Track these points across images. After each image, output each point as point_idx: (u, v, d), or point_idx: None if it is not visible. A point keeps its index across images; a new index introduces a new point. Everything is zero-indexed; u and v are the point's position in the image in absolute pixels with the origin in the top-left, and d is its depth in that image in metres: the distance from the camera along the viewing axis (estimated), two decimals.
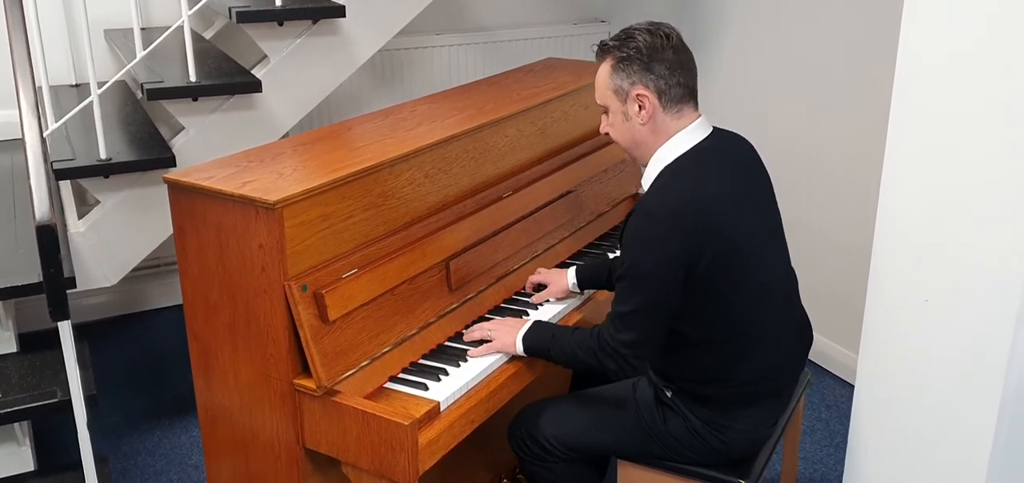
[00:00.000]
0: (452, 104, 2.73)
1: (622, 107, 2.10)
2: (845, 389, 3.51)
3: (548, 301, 2.49)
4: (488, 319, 2.40)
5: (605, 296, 2.56)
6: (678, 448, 2.17)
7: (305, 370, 2.02)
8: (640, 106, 2.07)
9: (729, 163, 2.12)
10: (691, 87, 2.10)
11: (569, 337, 2.15)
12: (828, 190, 3.56)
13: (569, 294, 2.51)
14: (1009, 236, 1.66)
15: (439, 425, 2.00)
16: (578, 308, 2.51)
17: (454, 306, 2.35)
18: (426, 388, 2.08)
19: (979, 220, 1.71)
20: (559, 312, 2.45)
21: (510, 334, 2.22)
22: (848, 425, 2.18)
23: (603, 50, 2.13)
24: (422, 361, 2.20)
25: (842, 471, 2.25)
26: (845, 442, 2.20)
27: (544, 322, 2.26)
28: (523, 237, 2.59)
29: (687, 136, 2.08)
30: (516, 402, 2.29)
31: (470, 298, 2.40)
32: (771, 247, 2.17)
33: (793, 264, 2.27)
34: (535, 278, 2.54)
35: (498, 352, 2.22)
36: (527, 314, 2.42)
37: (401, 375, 2.14)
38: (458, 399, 2.09)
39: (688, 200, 2.00)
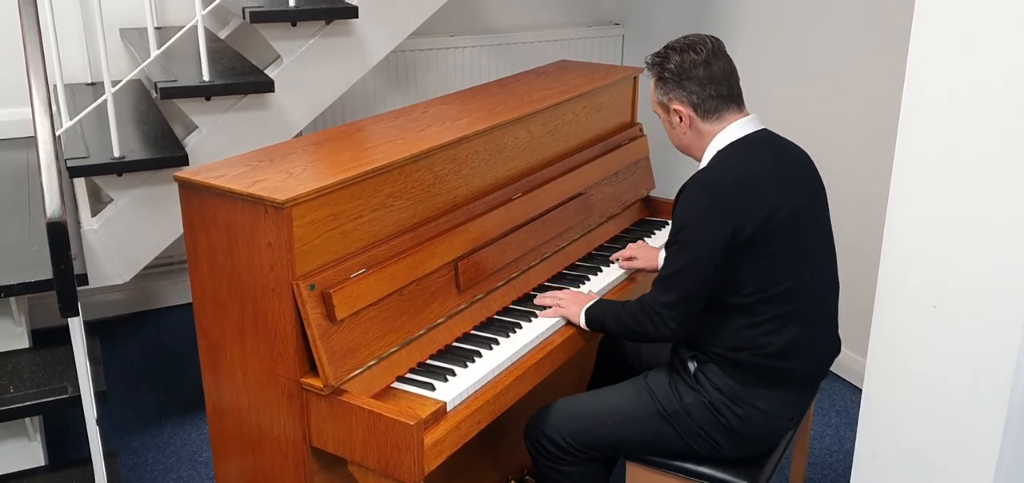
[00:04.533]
0: (463, 105, 2.73)
1: (667, 118, 2.29)
2: (854, 394, 3.50)
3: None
4: (499, 319, 2.40)
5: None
6: (693, 427, 2.19)
7: (312, 369, 2.03)
8: (679, 118, 2.24)
9: (780, 153, 2.24)
10: (729, 94, 2.23)
11: (621, 306, 2.30)
12: (837, 194, 3.52)
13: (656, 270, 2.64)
14: (1017, 241, 1.65)
15: (445, 425, 2.00)
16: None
17: (463, 307, 2.35)
18: (433, 388, 2.08)
19: (987, 225, 1.70)
20: (556, 324, 2.42)
21: (577, 305, 2.41)
22: (856, 430, 2.17)
23: (648, 67, 2.32)
24: (430, 361, 2.20)
25: (850, 476, 2.24)
26: (854, 447, 2.19)
27: (606, 299, 2.44)
28: (533, 238, 2.60)
29: (738, 128, 2.22)
30: (524, 403, 2.29)
31: (479, 299, 2.41)
32: (819, 239, 2.26)
33: None
34: (627, 251, 2.78)
35: (562, 318, 2.41)
36: (534, 316, 2.42)
37: (408, 375, 2.14)
38: (465, 400, 2.09)
39: (737, 174, 2.15)
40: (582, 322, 2.38)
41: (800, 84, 3.72)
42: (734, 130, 2.21)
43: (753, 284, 2.13)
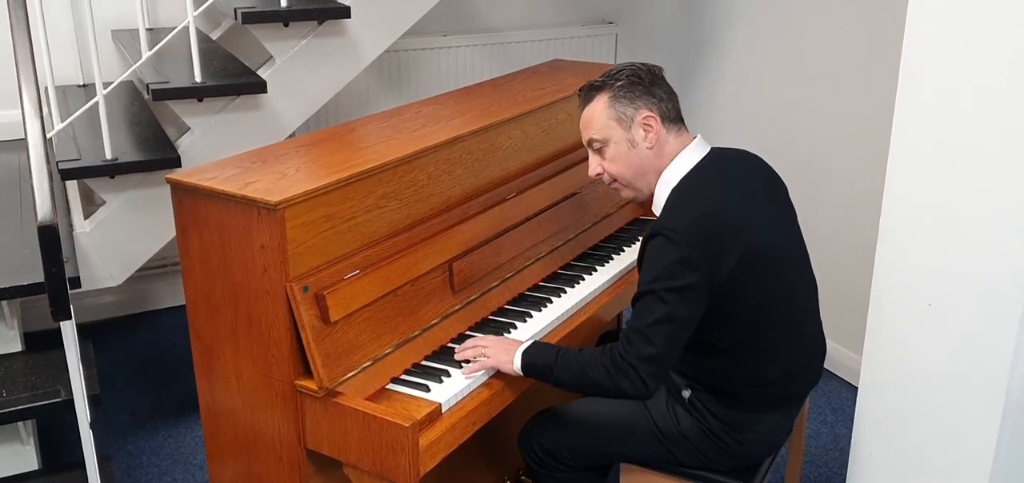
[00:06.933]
0: (457, 105, 2.73)
1: (627, 135, 2.12)
2: (850, 392, 3.50)
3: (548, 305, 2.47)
4: (494, 320, 2.39)
5: (596, 309, 2.54)
6: (691, 450, 2.16)
7: (307, 371, 2.02)
8: (646, 129, 2.10)
9: (735, 174, 2.13)
10: (680, 112, 2.16)
11: (576, 356, 2.06)
12: (832, 193, 3.54)
13: None
14: (1012, 239, 1.65)
15: (440, 427, 1.99)
16: (572, 317, 2.47)
17: (457, 307, 2.34)
18: (428, 389, 2.07)
19: (982, 224, 1.70)
20: (552, 323, 2.40)
21: (506, 352, 2.14)
22: (852, 428, 2.17)
23: (594, 88, 2.16)
24: (424, 362, 2.19)
25: (847, 475, 2.24)
26: (849, 445, 2.19)
27: (543, 342, 2.18)
28: (527, 239, 2.59)
29: (689, 155, 2.11)
30: (519, 404, 2.29)
31: (473, 300, 2.40)
32: (791, 247, 2.15)
33: None
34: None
35: (492, 368, 2.15)
36: (529, 316, 2.41)
37: (403, 376, 2.13)
38: (460, 400, 2.08)
39: (702, 213, 1.99)
40: (517, 367, 2.12)
41: (795, 82, 3.72)
42: (685, 159, 2.09)
43: (742, 319, 2.04)
